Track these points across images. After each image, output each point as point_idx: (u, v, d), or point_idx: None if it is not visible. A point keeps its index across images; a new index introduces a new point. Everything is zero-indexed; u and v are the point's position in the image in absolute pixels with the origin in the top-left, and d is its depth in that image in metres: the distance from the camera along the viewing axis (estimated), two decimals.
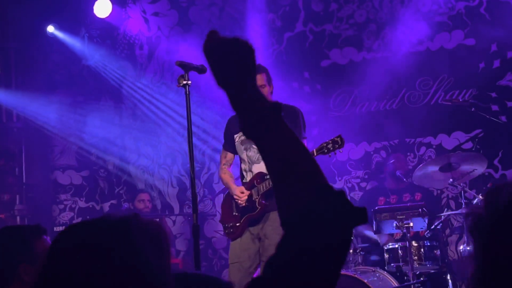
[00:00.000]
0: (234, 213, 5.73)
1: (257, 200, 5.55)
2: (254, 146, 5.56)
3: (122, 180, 9.04)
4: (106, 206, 9.05)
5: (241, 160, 5.79)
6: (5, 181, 8.81)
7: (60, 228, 8.14)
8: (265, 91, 5.60)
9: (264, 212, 5.54)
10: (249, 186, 5.64)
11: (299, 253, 1.38)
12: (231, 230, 5.71)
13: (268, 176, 5.49)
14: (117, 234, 1.51)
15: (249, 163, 5.70)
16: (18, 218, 8.59)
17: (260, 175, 5.58)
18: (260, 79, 5.56)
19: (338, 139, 5.38)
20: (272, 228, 5.44)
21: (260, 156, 5.49)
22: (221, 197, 6.23)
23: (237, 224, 5.65)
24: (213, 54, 1.55)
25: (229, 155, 5.88)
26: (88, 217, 9.08)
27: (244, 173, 5.75)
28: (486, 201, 1.71)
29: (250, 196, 5.58)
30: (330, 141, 5.37)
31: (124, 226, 1.53)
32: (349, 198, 6.74)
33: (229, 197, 5.83)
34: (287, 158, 1.48)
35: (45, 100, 8.86)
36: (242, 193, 5.59)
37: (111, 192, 9.05)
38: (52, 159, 9.27)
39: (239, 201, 5.60)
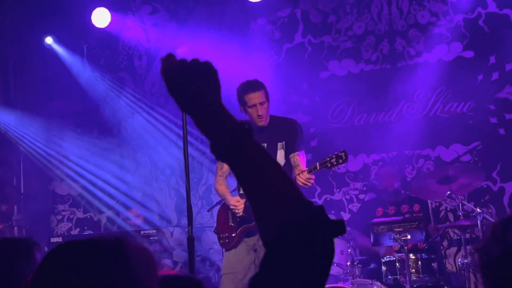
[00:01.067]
0: (230, 224, 5.71)
1: None
2: None
3: (120, 191, 9.01)
4: (104, 217, 9.03)
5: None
6: (3, 191, 8.80)
7: (58, 239, 8.13)
8: (265, 107, 5.59)
9: None
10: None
11: (282, 270, 1.37)
12: (227, 240, 5.69)
13: None
14: (113, 256, 1.49)
15: None
16: (16, 228, 8.56)
17: None
18: (260, 97, 5.57)
19: (343, 154, 5.39)
20: None
21: None
22: (217, 209, 6.19)
23: (233, 235, 5.63)
24: (171, 80, 1.51)
25: (225, 166, 5.83)
26: (86, 228, 9.07)
27: None
28: (494, 235, 1.69)
29: (247, 207, 5.56)
30: (334, 156, 5.38)
31: (119, 248, 1.51)
32: (347, 209, 6.73)
33: (225, 208, 5.81)
34: (260, 179, 1.46)
35: (42, 113, 8.88)
36: (238, 202, 5.57)
37: (108, 203, 9.02)
38: (49, 169, 9.25)
39: (236, 210, 5.56)
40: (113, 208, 8.93)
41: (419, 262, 6.38)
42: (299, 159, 5.61)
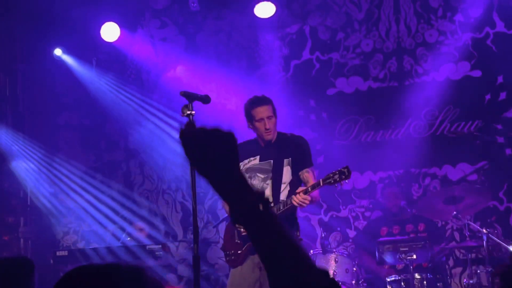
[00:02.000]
0: (236, 241, 5.67)
1: None
2: (259, 174, 5.57)
3: (126, 204, 9.01)
4: (110, 231, 9.02)
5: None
6: (10, 203, 8.82)
7: (64, 253, 8.14)
8: (273, 121, 5.59)
9: None
10: None
11: None
12: (233, 257, 5.66)
13: (272, 204, 5.50)
14: (131, 285, 1.51)
15: None
16: (21, 240, 8.58)
17: None
18: (267, 111, 5.57)
19: (345, 170, 5.35)
20: None
21: (264, 184, 5.47)
22: (223, 224, 6.18)
23: (239, 252, 5.61)
24: (191, 149, 1.53)
25: None
26: (91, 241, 9.07)
27: None
28: None
29: None
30: (337, 172, 5.35)
31: (138, 276, 1.53)
32: (353, 227, 6.72)
33: (232, 224, 5.81)
34: (276, 249, 1.49)
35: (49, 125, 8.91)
36: None
37: (115, 216, 9.01)
38: (56, 184, 9.26)
39: (242, 229, 5.57)
40: (118, 222, 8.92)
41: (424, 282, 6.37)
42: (309, 176, 5.60)
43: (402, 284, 6.37)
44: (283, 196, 5.55)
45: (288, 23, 8.70)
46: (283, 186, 5.59)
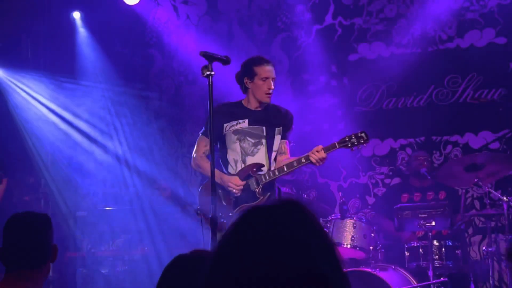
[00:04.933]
0: (222, 203, 5.48)
1: (257, 190, 5.39)
2: (249, 138, 5.48)
3: (146, 166, 9.03)
4: (130, 193, 9.05)
5: (230, 150, 5.52)
6: (31, 164, 8.89)
7: (83, 213, 8.21)
8: (274, 83, 5.47)
9: (264, 204, 5.37)
10: (243, 176, 5.43)
11: None
12: (222, 220, 5.39)
13: (265, 168, 5.42)
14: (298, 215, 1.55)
15: (242, 154, 5.49)
16: (42, 201, 8.65)
17: (256, 166, 5.44)
18: (273, 72, 5.46)
19: (363, 134, 5.32)
20: None
21: (254, 149, 5.40)
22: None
23: (230, 214, 5.38)
24: None
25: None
26: (111, 203, 9.14)
27: (232, 164, 5.52)
28: None
29: (245, 186, 5.41)
30: (354, 136, 5.30)
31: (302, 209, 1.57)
32: (372, 193, 6.68)
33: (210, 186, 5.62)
34: None
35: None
36: (238, 181, 5.37)
37: (135, 179, 9.05)
38: (77, 143, 9.31)
39: (234, 191, 5.37)
40: (139, 183, 8.95)
41: (443, 249, 6.36)
42: (287, 147, 5.58)
43: (421, 250, 6.35)
44: (273, 163, 5.51)
45: None
46: (273, 154, 5.54)
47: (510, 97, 7.64)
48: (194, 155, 5.63)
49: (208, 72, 4.48)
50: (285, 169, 5.35)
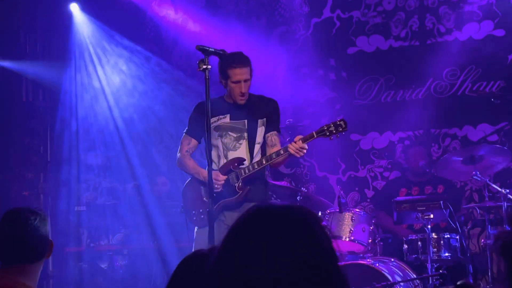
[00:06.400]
0: (204, 199, 5.48)
1: (237, 184, 5.36)
2: (230, 133, 5.46)
3: (145, 161, 9.03)
4: (129, 188, 9.06)
5: (212, 146, 5.42)
6: (30, 159, 8.90)
7: (82, 208, 8.22)
8: (248, 85, 5.38)
9: (244, 198, 5.37)
10: (224, 171, 5.41)
11: None
12: (202, 216, 5.43)
13: (246, 162, 5.38)
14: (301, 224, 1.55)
15: (224, 149, 5.47)
16: (41, 196, 8.66)
17: (237, 160, 5.41)
18: (246, 73, 5.34)
19: (342, 122, 5.17)
20: None
21: (236, 144, 5.37)
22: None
23: (208, 210, 5.14)
24: None
25: (194, 141, 5.60)
26: (111, 197, 9.14)
27: (215, 160, 5.49)
28: None
29: (226, 181, 5.38)
30: (332, 124, 5.16)
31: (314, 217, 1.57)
32: (371, 186, 6.68)
33: (196, 183, 5.57)
34: None
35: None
36: (219, 176, 5.34)
37: (133, 173, 9.05)
38: (76, 138, 9.32)
39: (216, 185, 5.26)
40: (139, 178, 8.94)
41: (441, 242, 6.35)
42: (277, 139, 5.49)
43: (419, 243, 6.34)
44: (256, 156, 5.45)
45: None
46: (257, 147, 5.49)
47: (508, 90, 7.62)
48: (178, 155, 5.63)
49: (204, 66, 4.48)
50: (264, 162, 5.30)
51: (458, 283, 1.78)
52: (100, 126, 9.11)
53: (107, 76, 9.02)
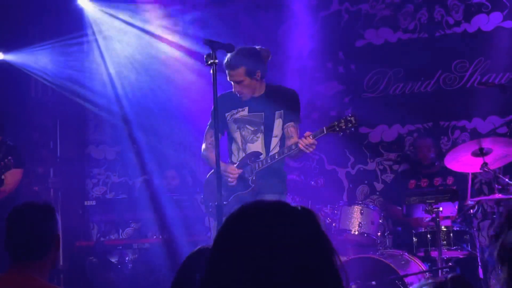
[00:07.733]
0: (222, 192, 5.52)
1: (250, 178, 5.37)
2: (248, 126, 5.46)
3: (154, 155, 9.02)
4: (138, 182, 9.09)
5: (232, 139, 5.52)
6: (40, 154, 8.92)
7: (92, 203, 8.24)
8: (245, 84, 5.32)
9: (257, 192, 5.36)
10: (241, 164, 5.42)
11: None
12: None
13: (262, 156, 5.39)
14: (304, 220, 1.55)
15: (242, 142, 5.47)
16: (51, 190, 8.69)
17: (254, 154, 5.40)
18: (237, 75, 5.27)
19: (352, 118, 5.15)
20: None
21: (254, 137, 5.36)
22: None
23: (224, 203, 5.19)
24: None
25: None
26: (120, 192, 9.17)
27: (235, 152, 5.52)
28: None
29: (241, 174, 5.39)
30: (343, 120, 5.17)
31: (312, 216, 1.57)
32: (380, 180, 6.65)
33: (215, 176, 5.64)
34: None
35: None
36: (234, 170, 5.36)
37: (143, 168, 9.05)
38: (86, 133, 9.35)
39: (229, 179, 5.34)
40: (148, 172, 8.94)
41: (451, 234, 6.33)
42: (294, 131, 5.41)
43: (429, 236, 6.33)
44: (274, 150, 5.41)
45: None
46: (274, 140, 5.44)
47: None
48: (202, 147, 5.64)
49: (211, 61, 4.47)
50: (276, 157, 5.28)
51: (449, 276, 1.75)
52: (109, 121, 9.12)
53: (117, 70, 8.99)
